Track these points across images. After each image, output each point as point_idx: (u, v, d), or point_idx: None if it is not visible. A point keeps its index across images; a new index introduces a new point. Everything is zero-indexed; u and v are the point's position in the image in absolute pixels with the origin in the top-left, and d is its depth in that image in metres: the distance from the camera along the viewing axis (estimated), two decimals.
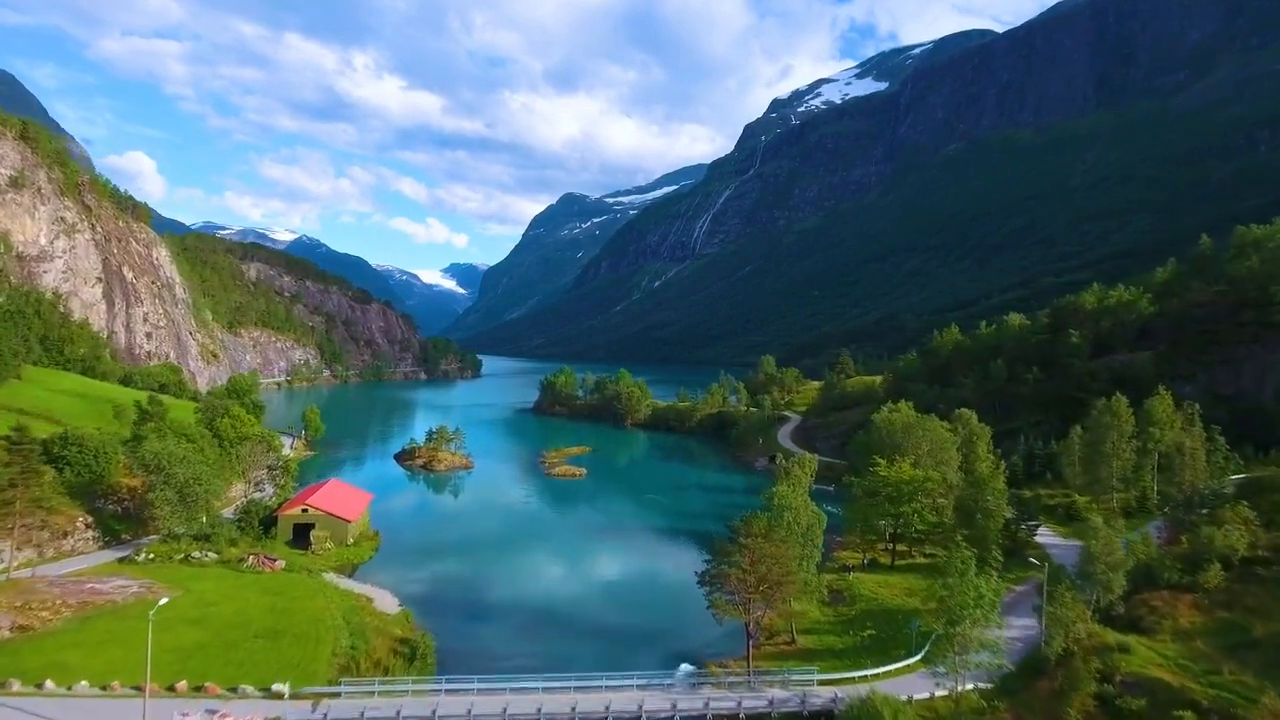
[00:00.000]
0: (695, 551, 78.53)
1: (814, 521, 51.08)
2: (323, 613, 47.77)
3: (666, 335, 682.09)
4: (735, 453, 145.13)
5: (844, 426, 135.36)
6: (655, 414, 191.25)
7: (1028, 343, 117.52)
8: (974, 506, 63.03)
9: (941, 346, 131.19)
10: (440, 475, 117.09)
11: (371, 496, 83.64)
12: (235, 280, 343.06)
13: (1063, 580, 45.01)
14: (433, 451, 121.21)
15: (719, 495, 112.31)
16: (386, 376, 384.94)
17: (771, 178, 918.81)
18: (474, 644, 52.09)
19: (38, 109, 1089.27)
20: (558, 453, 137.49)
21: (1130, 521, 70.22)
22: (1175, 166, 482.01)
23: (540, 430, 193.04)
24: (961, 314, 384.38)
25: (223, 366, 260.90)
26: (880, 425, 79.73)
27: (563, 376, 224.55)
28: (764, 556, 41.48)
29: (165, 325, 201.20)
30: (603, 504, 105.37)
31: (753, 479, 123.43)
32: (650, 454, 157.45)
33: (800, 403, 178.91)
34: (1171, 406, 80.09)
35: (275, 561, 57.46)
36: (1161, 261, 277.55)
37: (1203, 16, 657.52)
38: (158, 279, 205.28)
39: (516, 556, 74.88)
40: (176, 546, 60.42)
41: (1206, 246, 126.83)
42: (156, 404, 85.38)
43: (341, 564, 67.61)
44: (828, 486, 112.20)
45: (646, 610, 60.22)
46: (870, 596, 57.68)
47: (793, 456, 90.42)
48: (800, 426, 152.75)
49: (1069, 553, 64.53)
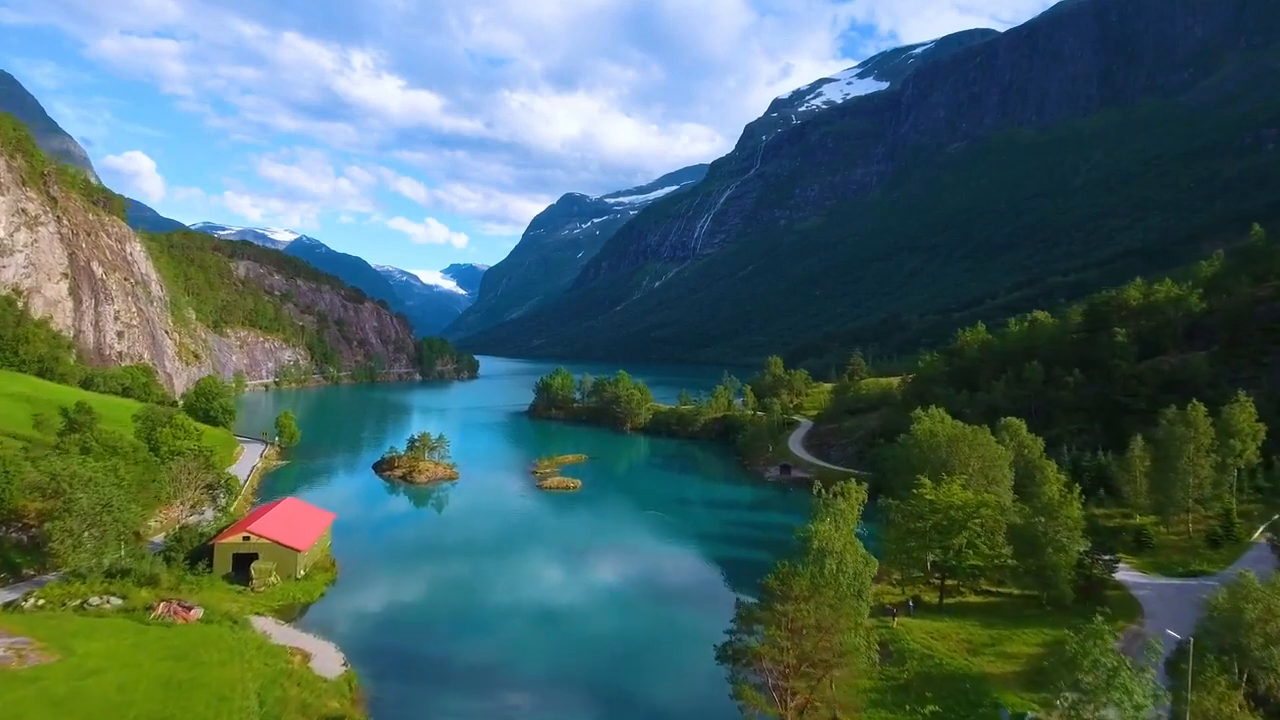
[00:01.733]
0: (706, 589, 67.89)
1: (863, 568, 40.35)
2: (234, 686, 37.17)
3: (667, 335, 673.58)
4: (742, 461, 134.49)
5: (860, 433, 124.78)
6: (656, 418, 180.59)
7: (1064, 342, 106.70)
8: (1041, 538, 52.49)
9: (967, 346, 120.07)
10: (421, 488, 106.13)
11: (333, 517, 72.87)
12: (223, 279, 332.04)
13: (1207, 656, 34.28)
14: (413, 461, 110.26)
15: (728, 511, 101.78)
16: (380, 378, 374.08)
17: (772, 177, 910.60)
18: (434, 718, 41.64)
19: (35, 109, 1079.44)
20: (551, 461, 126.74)
21: (1220, 552, 59.82)
22: (1182, 165, 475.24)
23: (535, 435, 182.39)
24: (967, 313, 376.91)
25: (205, 368, 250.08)
26: (920, 438, 69.03)
27: (559, 378, 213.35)
28: (808, 628, 31.02)
29: (139, 324, 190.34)
30: (599, 522, 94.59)
31: (762, 491, 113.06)
32: (651, 462, 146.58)
33: (810, 406, 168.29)
34: (1254, 414, 69.67)
35: (190, 610, 46.76)
36: (1176, 259, 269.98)
37: (1207, 14, 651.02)
38: (131, 275, 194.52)
39: (495, 594, 64.13)
40: (78, 588, 49.74)
41: (1259, 237, 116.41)
42: (84, 412, 74.74)
43: (286, 603, 56.93)
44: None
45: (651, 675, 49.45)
46: (924, 652, 47.00)
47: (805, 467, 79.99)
48: (812, 432, 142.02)
49: (1157, 595, 53.97)
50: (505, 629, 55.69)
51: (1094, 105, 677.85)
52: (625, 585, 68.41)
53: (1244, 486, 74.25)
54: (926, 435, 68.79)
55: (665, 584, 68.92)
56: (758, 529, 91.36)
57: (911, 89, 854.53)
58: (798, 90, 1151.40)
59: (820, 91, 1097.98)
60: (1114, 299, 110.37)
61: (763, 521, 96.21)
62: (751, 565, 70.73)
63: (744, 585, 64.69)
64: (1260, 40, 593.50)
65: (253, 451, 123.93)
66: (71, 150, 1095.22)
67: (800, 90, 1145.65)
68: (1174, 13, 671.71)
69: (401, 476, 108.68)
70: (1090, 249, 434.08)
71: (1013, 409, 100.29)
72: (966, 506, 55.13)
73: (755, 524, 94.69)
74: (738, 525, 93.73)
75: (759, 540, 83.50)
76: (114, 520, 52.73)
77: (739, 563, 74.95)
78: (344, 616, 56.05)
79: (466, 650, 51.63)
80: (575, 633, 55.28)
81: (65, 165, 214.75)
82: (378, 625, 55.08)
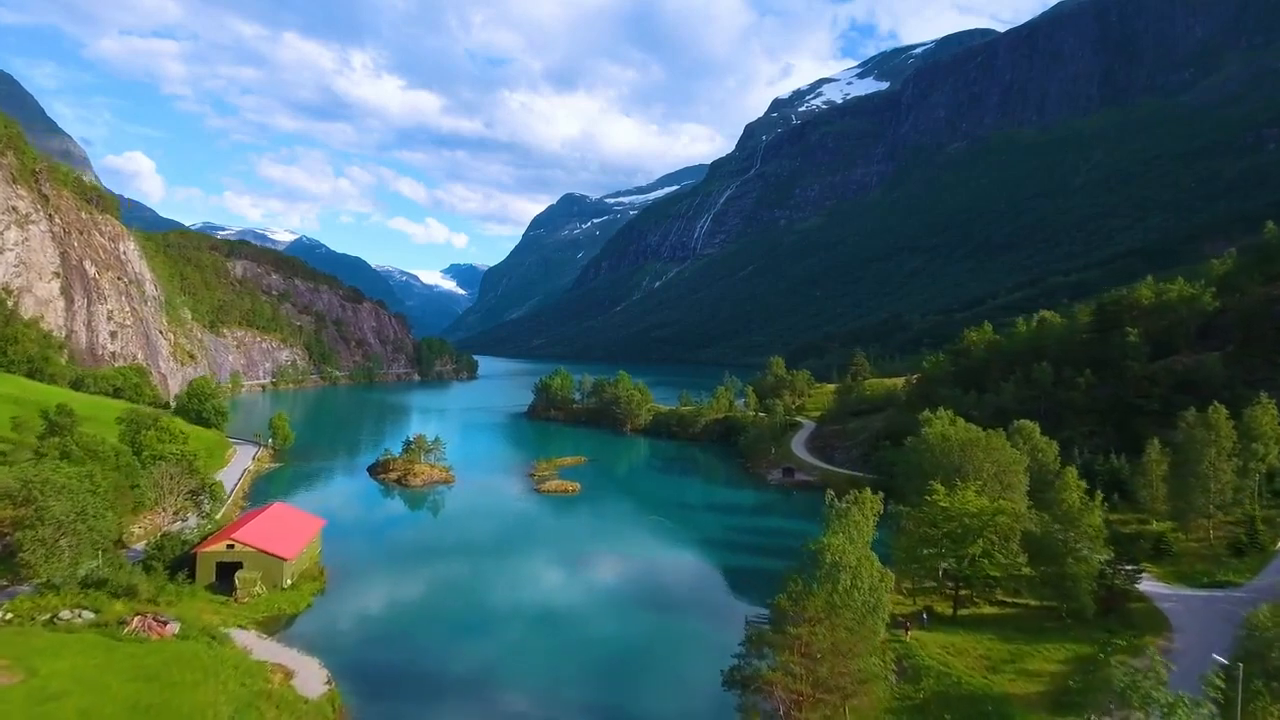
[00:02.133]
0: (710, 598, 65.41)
1: (879, 583, 37.80)
2: (206, 711, 34.73)
3: (667, 335, 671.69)
4: (745, 463, 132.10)
5: (865, 435, 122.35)
6: (657, 419, 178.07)
7: (1074, 342, 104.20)
8: (1060, 548, 50.06)
9: (974, 346, 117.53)
10: (416, 491, 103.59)
11: (322, 524, 70.36)
12: (219, 278, 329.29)
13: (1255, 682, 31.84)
14: (409, 464, 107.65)
15: (730, 516, 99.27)
16: (378, 378, 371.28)
17: (773, 177, 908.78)
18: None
19: (35, 109, 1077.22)
20: (550, 464, 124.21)
21: (1245, 561, 57.41)
22: (1183, 165, 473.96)
23: (533, 437, 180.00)
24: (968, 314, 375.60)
25: (201, 368, 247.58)
26: (932, 442, 66.46)
27: (558, 379, 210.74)
28: (824, 652, 28.56)
29: (132, 324, 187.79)
30: (598, 527, 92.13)
31: (765, 495, 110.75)
32: (651, 464, 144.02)
33: (813, 407, 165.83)
34: (1275, 417, 67.27)
35: (166, 624, 44.24)
36: (1179, 259, 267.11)
37: (1207, 14, 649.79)
38: (124, 274, 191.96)
39: (490, 603, 61.64)
40: (50, 601, 47.27)
41: (1272, 235, 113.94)
42: (65, 414, 72.26)
43: (271, 615, 54.45)
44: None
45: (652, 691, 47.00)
46: (939, 669, 44.53)
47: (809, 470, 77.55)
48: (815, 434, 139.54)
49: (1184, 607, 51.52)
50: (499, 640, 53.24)
51: (1094, 105, 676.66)
52: (625, 593, 65.98)
53: (1263, 492, 71.92)
54: (938, 439, 66.27)
55: (667, 593, 66.45)
56: (761, 534, 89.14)
57: (912, 89, 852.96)
58: (798, 90, 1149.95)
59: (820, 91, 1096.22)
60: (1125, 298, 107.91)
61: (766, 527, 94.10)
62: (756, 573, 68.35)
63: (748, 593, 62.31)
64: (1261, 40, 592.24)
65: (245, 454, 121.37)
66: (71, 150, 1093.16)
67: (800, 90, 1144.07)
68: (1174, 12, 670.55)
69: (396, 480, 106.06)
70: (1091, 249, 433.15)
71: (1022, 410, 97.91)
72: (982, 514, 52.71)
73: (759, 529, 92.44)
74: (741, 531, 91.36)
75: (763, 547, 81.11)
76: (89, 529, 50.23)
77: (743, 570, 72.59)
78: (331, 629, 53.57)
79: (458, 664, 49.17)
80: (573, 645, 52.82)
81: (58, 164, 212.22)
82: (366, 639, 52.59)
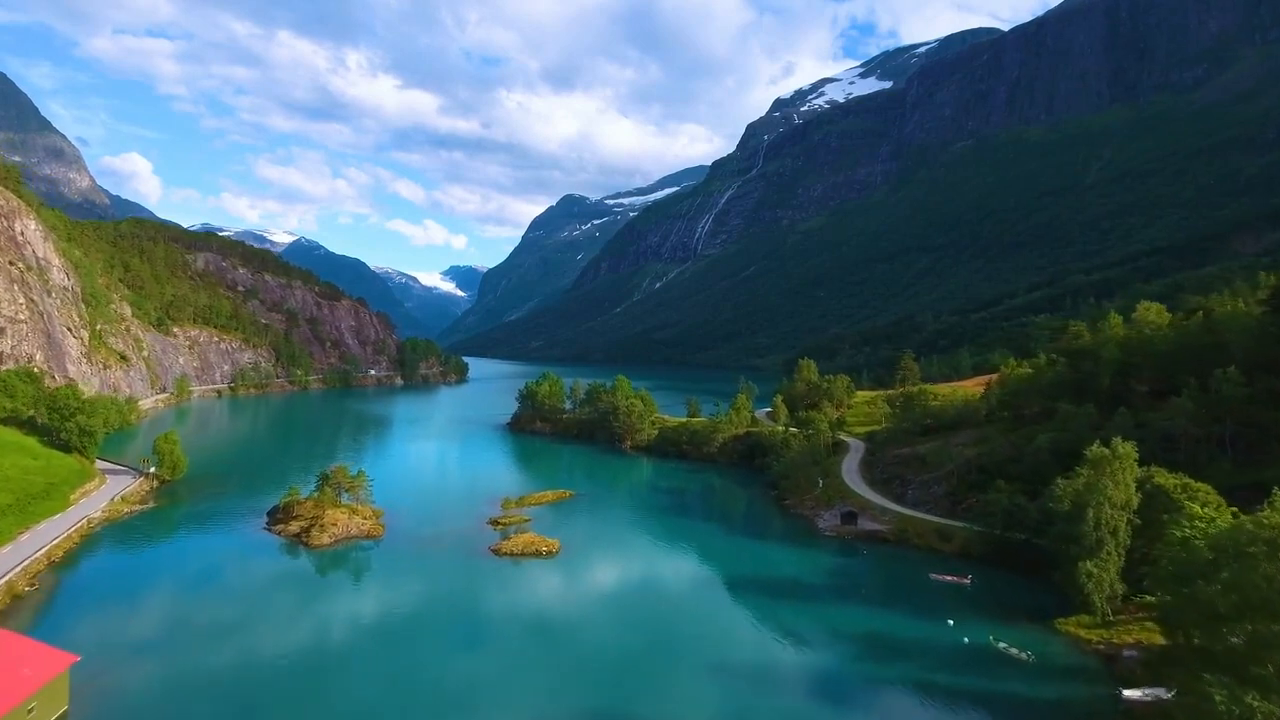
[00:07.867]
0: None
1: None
2: None
3: (668, 337, 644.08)
4: (780, 498, 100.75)
5: (949, 464, 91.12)
6: (662, 434, 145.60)
7: (1266, 337, 72.46)
8: None
9: (1102, 345, 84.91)
10: (319, 553, 70.31)
11: (67, 664, 38.86)
12: (174, 271, 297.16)
13: None
14: (318, 510, 75.52)
15: (777, 600, 64.12)
16: (355, 382, 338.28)
17: (775, 177, 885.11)
18: None
19: (29, 108, 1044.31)
20: (521, 502, 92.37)
21: None
22: (1199, 162, 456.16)
23: (513, 455, 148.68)
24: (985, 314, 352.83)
25: (135, 372, 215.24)
26: (1257, 560, 32.90)
27: (546, 384, 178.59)
28: None
29: (28, 319, 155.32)
30: (580, 649, 53.40)
31: (820, 554, 76.83)
32: (658, 499, 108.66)
33: (852, 420, 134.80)
34: None
35: None
36: (1209, 256, 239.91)
37: (1220, 9, 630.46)
38: (20, 259, 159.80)
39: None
40: None
41: None
42: None
43: None
44: (956, 577, 68.22)
45: None
46: None
47: (875, 513, 45.94)
48: (872, 460, 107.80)
49: None
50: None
51: (1104, 102, 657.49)
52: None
53: None
54: (1232, 544, 33.54)
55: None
56: (848, 640, 55.24)
57: (916, 87, 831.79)
58: (800, 90, 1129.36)
59: (822, 91, 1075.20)
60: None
61: (845, 624, 58.22)
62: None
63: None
64: (1275, 35, 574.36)
65: (111, 489, 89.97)
66: (64, 149, 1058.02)
67: (802, 90, 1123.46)
68: (1186, 8, 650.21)
69: (298, 533, 73.57)
70: (1107, 247, 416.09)
71: (1197, 437, 67.35)
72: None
73: (834, 629, 57.52)
74: (801, 633, 57.07)
75: (847, 676, 49.77)
76: None
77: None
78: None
79: None
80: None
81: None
82: None
